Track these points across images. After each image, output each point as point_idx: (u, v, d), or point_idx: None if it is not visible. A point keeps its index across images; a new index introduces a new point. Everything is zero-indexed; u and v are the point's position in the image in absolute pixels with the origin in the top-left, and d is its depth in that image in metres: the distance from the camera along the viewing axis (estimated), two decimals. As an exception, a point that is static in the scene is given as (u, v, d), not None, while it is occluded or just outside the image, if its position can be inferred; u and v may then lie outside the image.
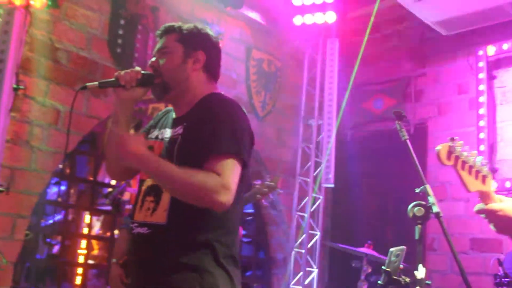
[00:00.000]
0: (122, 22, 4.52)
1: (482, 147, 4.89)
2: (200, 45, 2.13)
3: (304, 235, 5.44)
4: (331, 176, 5.31)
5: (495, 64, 5.10)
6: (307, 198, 5.49)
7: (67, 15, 4.18)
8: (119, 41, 4.47)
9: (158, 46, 2.16)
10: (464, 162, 2.01)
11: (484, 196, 2.01)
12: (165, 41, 2.14)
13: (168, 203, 1.93)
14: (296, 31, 5.71)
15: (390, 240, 4.93)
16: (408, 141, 2.94)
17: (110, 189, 4.66)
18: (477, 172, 2.02)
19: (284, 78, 5.85)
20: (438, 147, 2.01)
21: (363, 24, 5.78)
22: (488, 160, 4.86)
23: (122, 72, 2.05)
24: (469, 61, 5.24)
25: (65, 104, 4.09)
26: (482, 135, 4.92)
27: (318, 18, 5.55)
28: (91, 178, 4.92)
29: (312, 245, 5.48)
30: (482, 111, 4.98)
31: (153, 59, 2.13)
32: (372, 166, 5.70)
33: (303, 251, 5.43)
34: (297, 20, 5.62)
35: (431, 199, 2.61)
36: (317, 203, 5.56)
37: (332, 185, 5.43)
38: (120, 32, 4.49)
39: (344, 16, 5.69)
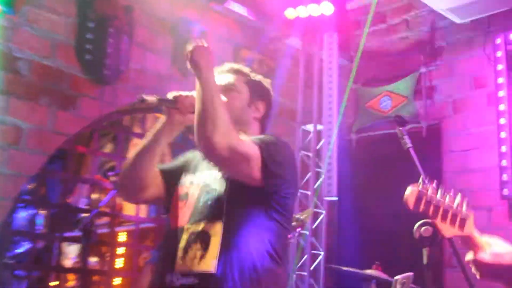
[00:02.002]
0: (90, 25, 4.48)
1: (503, 148, 4.84)
2: (263, 96, 2.42)
3: (306, 256, 5.37)
4: (334, 187, 5.25)
5: (515, 54, 5.05)
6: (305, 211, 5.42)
7: (28, 20, 4.15)
8: (88, 46, 4.44)
9: (222, 81, 2.33)
10: (436, 207, 1.95)
11: (465, 242, 1.96)
12: (233, 78, 2.36)
13: (218, 251, 2.05)
14: (289, 26, 5.67)
15: (403, 259, 4.84)
16: (411, 150, 2.89)
17: (83, 215, 4.63)
18: (454, 216, 1.96)
19: (278, 79, 5.80)
20: (407, 192, 1.93)
21: (365, 14, 5.75)
22: (511, 163, 4.77)
23: (183, 94, 2.20)
24: (486, 51, 5.19)
25: (27, 120, 4.03)
26: (503, 135, 4.89)
27: (313, 10, 5.50)
28: (64, 202, 4.87)
29: (315, 267, 5.42)
30: (502, 107, 4.94)
31: None
32: (381, 175, 5.63)
33: (305, 273, 5.37)
34: (290, 13, 5.57)
35: None
36: (319, 219, 5.51)
37: (336, 198, 5.38)
38: (89, 36, 4.45)
39: (343, 7, 5.63)
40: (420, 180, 1.94)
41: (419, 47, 5.70)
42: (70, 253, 5.63)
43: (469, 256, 1.93)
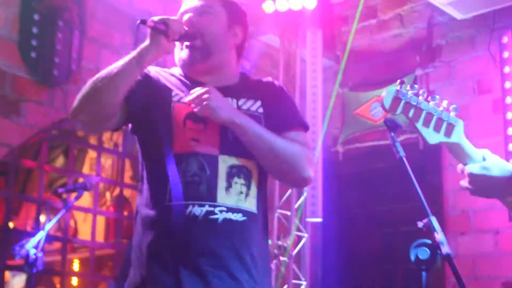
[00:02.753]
0: (36, 17, 4.47)
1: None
2: (241, 21, 2.48)
3: (286, 287, 5.40)
4: (319, 207, 5.29)
5: (524, 54, 5.14)
6: (288, 237, 5.47)
7: (-40, 12, 4.13)
8: (33, 42, 4.42)
9: (195, 2, 2.38)
10: (418, 109, 1.99)
11: (454, 151, 2.06)
12: None
13: (256, 190, 2.27)
14: (267, 21, 5.71)
15: (400, 285, 4.92)
16: (404, 159, 2.94)
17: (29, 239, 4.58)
18: (439, 120, 2.01)
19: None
20: (383, 93, 1.99)
21: (353, 9, 5.82)
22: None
23: (171, 18, 2.24)
24: (492, 51, 5.27)
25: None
26: (511, 147, 4.94)
27: (294, 3, 5.57)
28: (6, 225, 4.84)
29: (298, 298, 5.44)
30: (510, 115, 5.00)
31: (188, 15, 2.34)
32: (372, 192, 5.70)
33: (286, 306, 5.38)
34: (267, 6, 5.63)
35: (440, 236, 2.61)
36: (301, 243, 5.52)
37: (320, 220, 5.41)
38: (34, 31, 4.44)
39: (327, 0, 5.71)
40: (398, 81, 1.97)
41: (415, 46, 5.74)
42: (15, 284, 5.59)
43: (459, 166, 2.05)
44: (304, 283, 5.47)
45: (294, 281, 5.45)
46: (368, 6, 5.95)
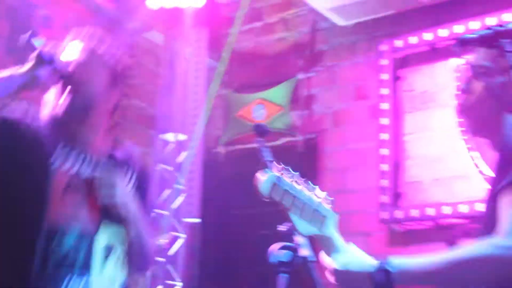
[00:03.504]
0: None
1: (384, 167, 4.97)
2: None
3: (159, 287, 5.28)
4: (196, 208, 5.21)
5: (401, 62, 5.21)
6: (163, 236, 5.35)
7: None
8: None
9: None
10: (295, 198, 1.97)
11: (323, 242, 2.04)
12: None
13: None
14: (151, 17, 5.58)
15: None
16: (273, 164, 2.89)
17: None
18: (315, 212, 2.00)
19: (137, 80, 5.70)
20: (261, 177, 1.97)
21: (240, 10, 5.77)
22: (392, 183, 4.94)
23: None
24: (370, 58, 5.34)
25: None
26: (384, 151, 4.99)
27: (180, 1, 5.46)
28: None
29: (172, 301, 5.32)
30: (384, 121, 5.06)
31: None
32: (252, 194, 5.65)
33: (159, 308, 5.25)
34: (153, 2, 5.49)
35: (301, 239, 2.59)
36: (177, 244, 5.42)
37: (198, 220, 5.32)
38: None
39: (213, 1, 5.63)
40: (271, 164, 1.97)
41: (298, 50, 5.75)
42: None
43: (325, 259, 2.01)
44: (179, 284, 5.36)
45: (168, 281, 5.34)
46: (254, 8, 5.92)
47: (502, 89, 2.13)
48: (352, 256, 2.01)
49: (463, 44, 1.84)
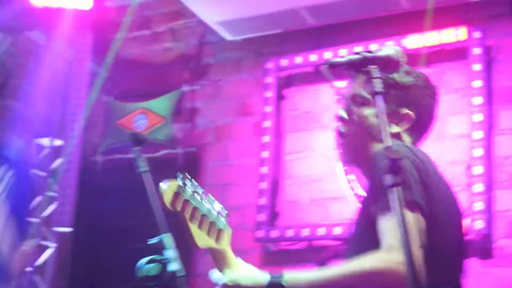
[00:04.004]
0: None
1: (263, 185, 4.96)
2: None
3: (25, 299, 5.06)
4: (69, 217, 5.06)
5: (286, 81, 5.25)
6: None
7: None
8: None
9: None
10: (195, 209, 1.99)
11: (216, 258, 2.05)
12: None
13: None
14: (35, 16, 5.37)
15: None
16: (147, 174, 2.93)
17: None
18: (212, 224, 2.03)
19: (13, 80, 5.50)
20: (163, 186, 1.93)
21: (128, 16, 5.66)
22: (269, 201, 4.95)
23: None
24: (256, 75, 5.34)
25: None
26: (264, 170, 4.99)
27: (67, 1, 5.29)
28: None
29: (35, 313, 5.11)
30: (266, 139, 5.06)
31: None
32: (130, 206, 5.52)
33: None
34: (37, 1, 5.28)
35: (171, 253, 2.58)
36: (46, 254, 5.21)
37: (69, 230, 5.16)
38: None
39: (101, 3, 5.48)
40: (180, 175, 1.95)
41: (184, 62, 5.69)
42: None
43: (214, 273, 2.03)
44: (43, 295, 5.17)
45: (33, 292, 5.13)
46: (143, 16, 5.82)
47: (371, 118, 2.20)
48: (243, 271, 2.03)
49: (331, 67, 1.87)
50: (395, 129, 2.22)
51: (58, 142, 5.41)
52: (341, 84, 4.80)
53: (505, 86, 4.51)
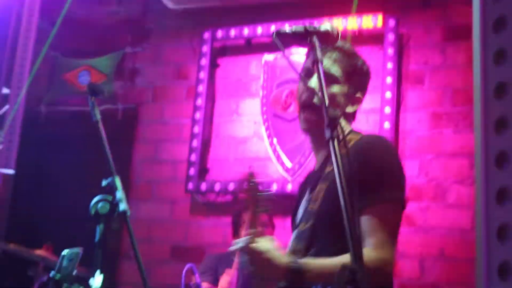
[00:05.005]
0: None
1: (195, 143, 5.23)
2: None
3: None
4: (12, 160, 5.14)
5: (220, 51, 5.52)
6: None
7: None
8: None
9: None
10: None
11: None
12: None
13: None
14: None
15: (80, 239, 4.99)
16: (100, 123, 2.97)
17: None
18: None
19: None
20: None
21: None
22: (199, 159, 5.21)
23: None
24: (193, 43, 5.56)
25: None
26: (196, 129, 5.28)
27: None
28: None
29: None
30: (199, 102, 5.34)
31: None
32: (69, 153, 5.67)
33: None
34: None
35: (120, 194, 2.68)
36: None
37: (12, 172, 5.26)
38: None
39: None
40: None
41: (128, 26, 5.86)
42: None
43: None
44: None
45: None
46: (92, -20, 5.95)
47: (339, 96, 2.30)
48: (273, 245, 2.03)
49: (278, 36, 1.91)
50: (350, 109, 2.30)
51: (5, 91, 5.47)
52: (271, 55, 5.15)
53: (412, 70, 4.87)
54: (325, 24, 1.95)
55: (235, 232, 4.52)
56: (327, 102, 1.73)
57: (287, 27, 1.95)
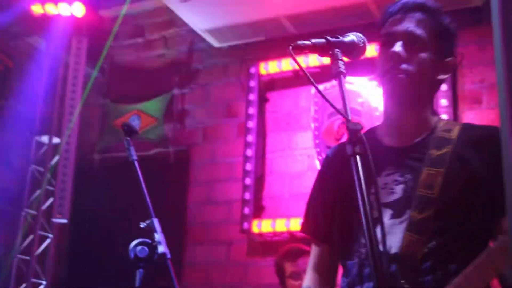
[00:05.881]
0: None
1: (247, 181, 5.08)
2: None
3: (24, 285, 5.13)
4: (66, 209, 5.13)
5: (268, 85, 5.39)
6: (32, 236, 5.21)
7: None
8: None
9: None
10: None
11: None
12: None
13: None
14: (34, 22, 5.48)
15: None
16: (136, 163, 2.89)
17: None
18: None
19: (19, 82, 5.58)
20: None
21: (122, 25, 5.76)
22: (254, 196, 5.05)
23: None
24: (241, 79, 5.46)
25: None
26: (248, 167, 5.12)
27: (63, 9, 5.41)
28: None
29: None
30: (250, 138, 5.19)
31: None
32: (124, 200, 5.60)
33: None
34: (36, 8, 5.40)
35: (158, 236, 2.59)
36: (45, 244, 5.30)
37: (65, 221, 5.24)
38: None
39: (96, 11, 5.59)
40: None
41: (175, 67, 5.81)
42: None
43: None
44: (44, 282, 5.24)
45: (34, 279, 5.20)
46: (137, 25, 5.96)
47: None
48: None
49: (295, 48, 1.74)
50: (442, 76, 2.02)
51: (56, 140, 5.49)
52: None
53: (468, 89, 4.62)
54: (351, 35, 1.78)
55: (281, 282, 4.07)
56: (349, 116, 1.58)
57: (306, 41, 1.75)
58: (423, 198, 1.87)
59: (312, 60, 5.04)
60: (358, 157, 1.51)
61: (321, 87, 5.07)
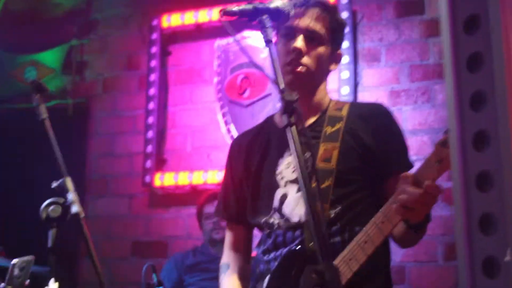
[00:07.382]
0: None
1: (150, 134, 5.06)
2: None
3: None
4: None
5: (171, 38, 5.31)
6: None
7: None
8: None
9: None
10: None
11: None
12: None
13: None
14: None
15: (32, 242, 4.82)
16: (46, 121, 2.84)
17: None
18: None
19: None
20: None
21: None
22: (156, 150, 5.05)
23: None
24: (143, 31, 5.37)
25: None
26: (150, 120, 5.09)
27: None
28: None
29: None
30: (152, 91, 5.15)
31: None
32: (19, 152, 5.46)
33: None
34: None
35: (71, 196, 2.57)
36: None
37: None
38: None
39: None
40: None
41: (73, 17, 5.61)
42: None
43: None
44: None
45: None
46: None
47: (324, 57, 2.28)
48: None
49: (225, 15, 1.79)
50: (333, 67, 2.29)
51: None
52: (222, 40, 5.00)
53: (368, 47, 4.75)
54: (276, 1, 1.84)
55: (200, 224, 4.41)
56: (282, 85, 1.67)
57: (234, 7, 1.81)
58: (322, 170, 2.12)
59: (215, 14, 5.03)
60: (294, 127, 1.58)
61: (224, 41, 5.11)
